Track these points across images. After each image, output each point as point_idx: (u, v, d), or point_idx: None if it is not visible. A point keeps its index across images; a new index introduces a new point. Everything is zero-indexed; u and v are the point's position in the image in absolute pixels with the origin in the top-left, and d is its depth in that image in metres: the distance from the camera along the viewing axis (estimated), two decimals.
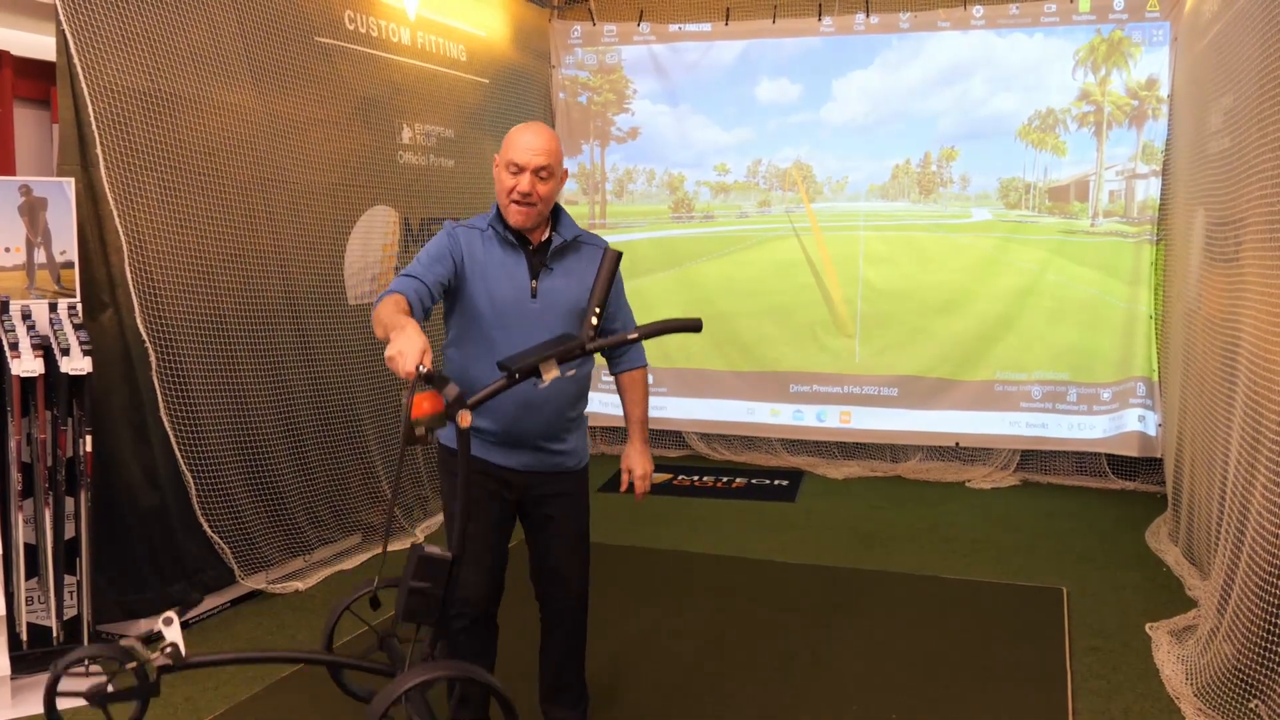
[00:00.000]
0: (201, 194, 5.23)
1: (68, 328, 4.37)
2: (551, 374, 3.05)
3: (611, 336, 3.26)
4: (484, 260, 3.44)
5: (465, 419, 2.85)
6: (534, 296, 3.43)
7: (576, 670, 3.88)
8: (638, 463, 3.68)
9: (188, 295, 5.15)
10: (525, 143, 3.35)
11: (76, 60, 4.58)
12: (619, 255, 3.33)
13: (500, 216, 3.46)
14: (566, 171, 3.53)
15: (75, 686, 2.69)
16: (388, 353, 2.83)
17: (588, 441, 3.81)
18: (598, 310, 3.18)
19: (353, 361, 6.23)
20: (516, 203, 3.36)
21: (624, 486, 3.71)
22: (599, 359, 3.71)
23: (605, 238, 3.67)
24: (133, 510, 4.92)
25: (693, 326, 3.25)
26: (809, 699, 4.34)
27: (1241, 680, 3.96)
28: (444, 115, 7.16)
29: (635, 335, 3.27)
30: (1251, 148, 4.56)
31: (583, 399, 3.68)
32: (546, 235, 3.50)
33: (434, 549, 2.93)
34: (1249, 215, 4.59)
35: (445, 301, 3.51)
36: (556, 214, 3.54)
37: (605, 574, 5.85)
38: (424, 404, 2.82)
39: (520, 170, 3.34)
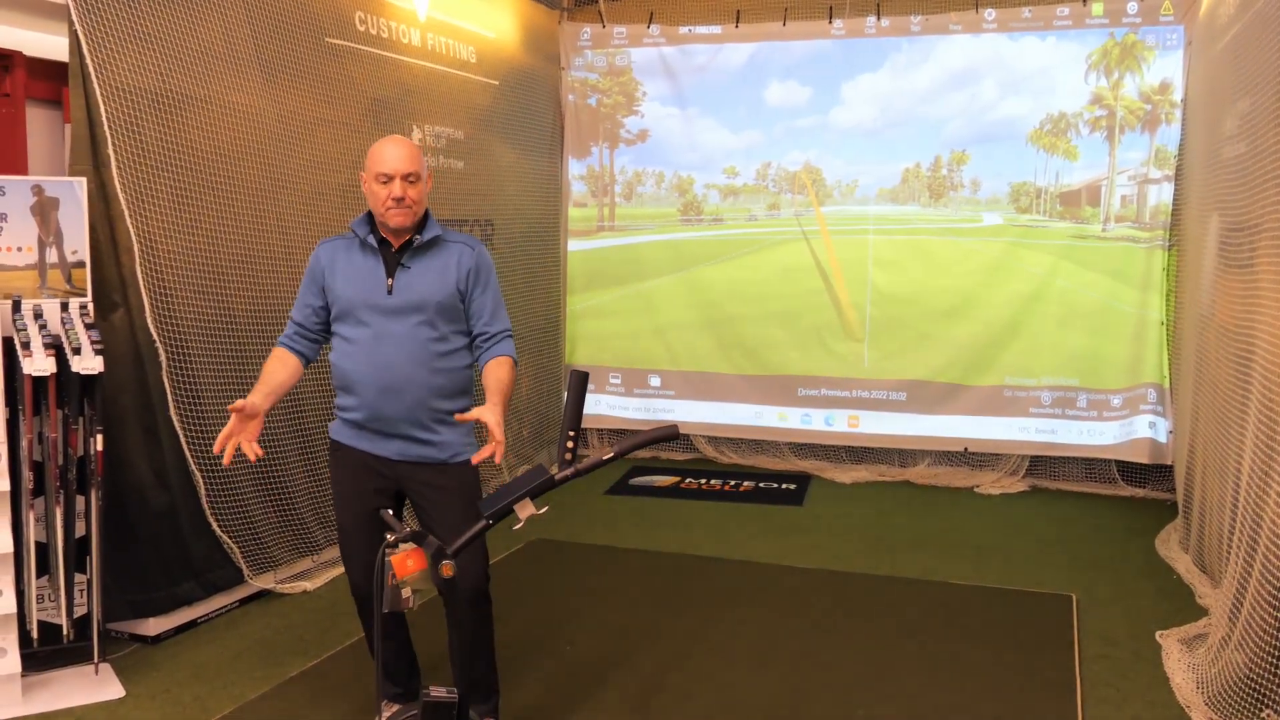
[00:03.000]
0: (212, 194, 5.23)
1: (79, 327, 4.37)
2: (527, 512, 2.97)
3: (588, 461, 3.05)
4: (343, 267, 3.73)
5: (447, 569, 2.83)
6: (390, 293, 3.64)
7: (482, 667, 3.83)
8: (484, 412, 3.41)
9: (198, 295, 5.16)
10: (390, 154, 3.64)
11: (88, 61, 4.58)
12: (585, 376, 3.14)
13: (363, 222, 3.75)
14: (431, 174, 3.83)
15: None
16: None
17: (472, 437, 3.79)
18: (572, 434, 3.07)
19: None
20: (392, 208, 3.61)
21: (484, 454, 3.42)
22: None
23: (616, 240, 3.71)
24: (142, 509, 4.93)
25: (670, 436, 3.19)
26: (816, 704, 4.33)
27: (1253, 690, 3.94)
28: (454, 117, 7.16)
29: (611, 454, 3.08)
30: (1268, 153, 4.54)
31: (462, 396, 3.74)
32: (409, 238, 3.70)
33: (440, 692, 2.91)
34: (1265, 221, 4.57)
35: None
36: (424, 220, 3.74)
37: (611, 577, 5.87)
38: (408, 562, 2.80)
39: (390, 179, 3.61)
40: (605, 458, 3.07)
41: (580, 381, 3.11)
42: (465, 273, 3.70)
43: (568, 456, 3.05)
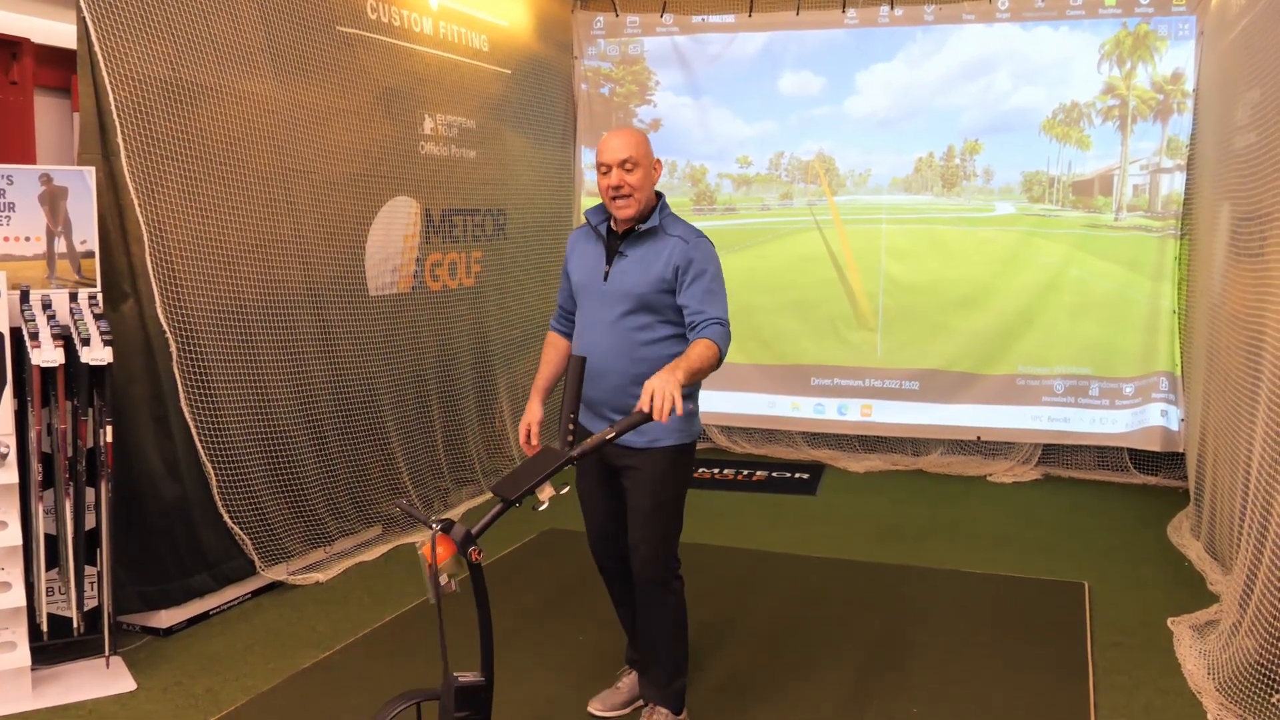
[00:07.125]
0: (223, 183, 5.23)
1: (88, 317, 4.38)
2: (548, 493, 3.11)
3: (589, 441, 3.18)
4: (578, 253, 3.93)
5: (475, 554, 2.90)
6: (605, 279, 3.77)
7: (657, 649, 3.96)
8: (653, 379, 3.23)
9: (209, 285, 5.16)
10: (608, 144, 3.71)
11: (97, 48, 4.58)
12: (584, 360, 3.43)
13: (599, 210, 3.88)
14: (659, 162, 3.85)
15: None
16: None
17: (682, 425, 3.85)
18: (573, 416, 3.26)
19: (373, 352, 6.23)
20: (614, 198, 3.69)
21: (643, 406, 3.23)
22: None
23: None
24: (153, 501, 4.94)
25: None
26: (829, 693, 4.33)
27: (1263, 675, 3.94)
28: (466, 106, 7.15)
29: (612, 434, 3.19)
30: (1279, 142, 4.52)
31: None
32: (632, 226, 3.77)
33: (468, 677, 2.97)
34: (1275, 210, 4.55)
35: None
36: (654, 208, 3.80)
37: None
38: (439, 550, 2.87)
39: (609, 169, 3.68)
40: (607, 437, 3.20)
41: (579, 365, 3.34)
42: (674, 267, 3.69)
43: (569, 439, 3.21)
